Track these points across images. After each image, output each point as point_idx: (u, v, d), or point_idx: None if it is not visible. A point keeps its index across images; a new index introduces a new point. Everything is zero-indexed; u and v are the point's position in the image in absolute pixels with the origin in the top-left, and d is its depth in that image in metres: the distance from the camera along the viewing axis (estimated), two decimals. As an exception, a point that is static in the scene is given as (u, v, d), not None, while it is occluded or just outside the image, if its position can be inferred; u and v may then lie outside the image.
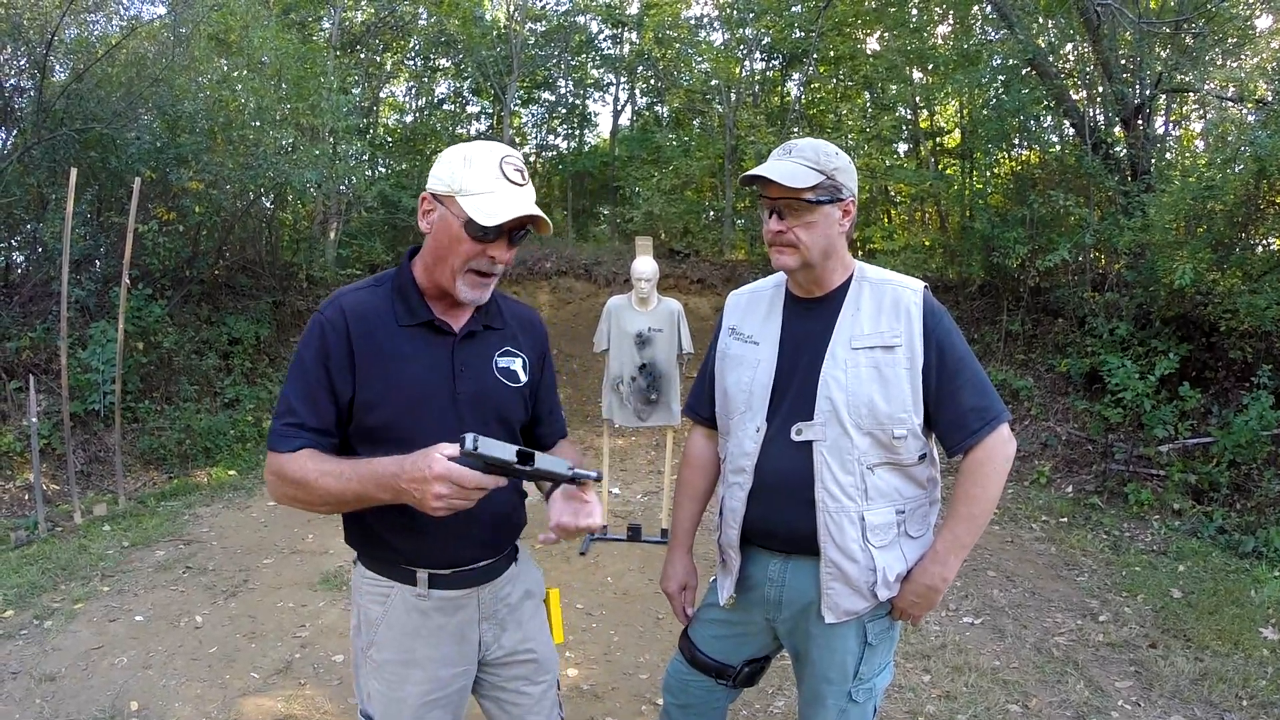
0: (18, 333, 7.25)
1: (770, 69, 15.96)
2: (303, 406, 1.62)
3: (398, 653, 1.73)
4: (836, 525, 1.83)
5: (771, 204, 1.86)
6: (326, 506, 1.59)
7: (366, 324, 1.66)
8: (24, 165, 7.75)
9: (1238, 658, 3.98)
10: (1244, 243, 7.50)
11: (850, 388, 1.84)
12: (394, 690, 1.73)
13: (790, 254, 1.87)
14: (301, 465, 1.57)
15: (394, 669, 1.73)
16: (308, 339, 1.65)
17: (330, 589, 4.65)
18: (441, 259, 1.65)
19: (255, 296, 10.18)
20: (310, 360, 1.63)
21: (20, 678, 3.55)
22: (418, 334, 1.69)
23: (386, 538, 1.71)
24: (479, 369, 1.74)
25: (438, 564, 1.72)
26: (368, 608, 1.76)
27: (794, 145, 1.86)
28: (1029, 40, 9.22)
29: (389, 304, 1.70)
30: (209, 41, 9.62)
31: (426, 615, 1.73)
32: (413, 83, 17.55)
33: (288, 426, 1.61)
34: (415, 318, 1.69)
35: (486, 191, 1.59)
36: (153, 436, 7.38)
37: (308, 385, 1.63)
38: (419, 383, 1.66)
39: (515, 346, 1.83)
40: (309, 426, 1.62)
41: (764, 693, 3.56)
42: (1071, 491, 6.92)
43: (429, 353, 1.69)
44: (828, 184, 1.82)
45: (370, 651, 1.75)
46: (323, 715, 3.35)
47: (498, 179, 1.60)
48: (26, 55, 8.01)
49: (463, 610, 1.77)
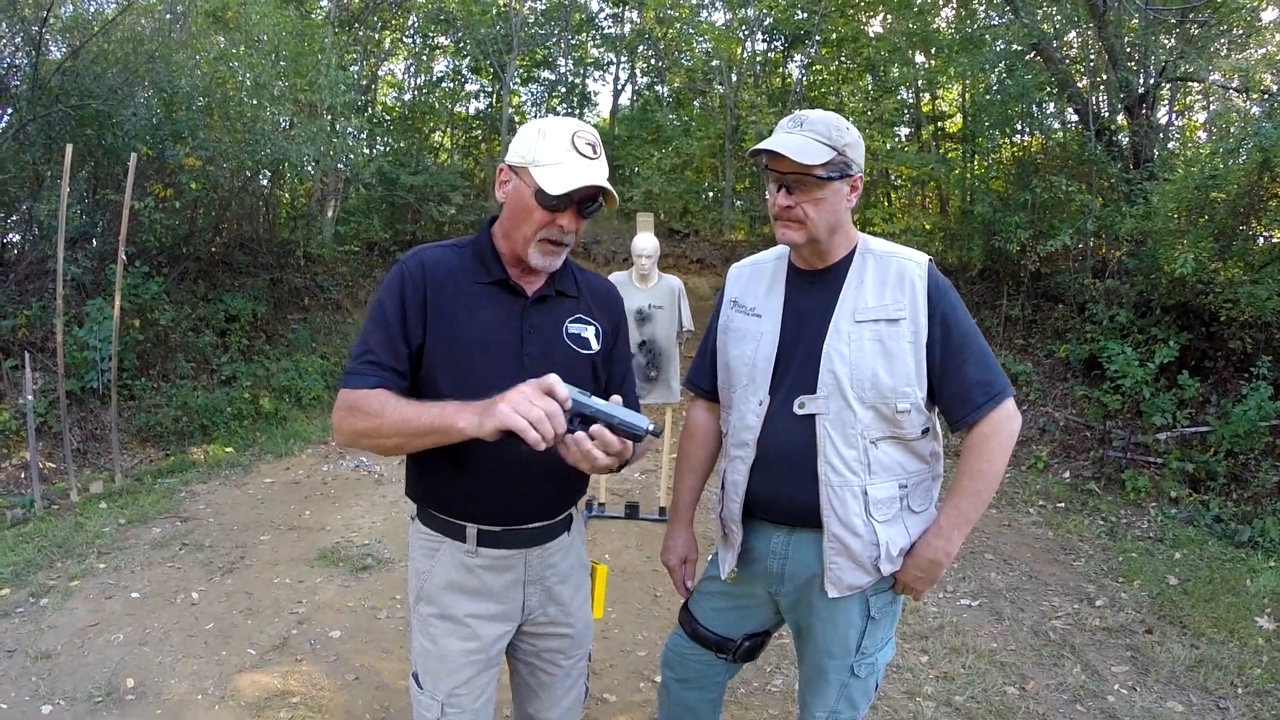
0: (13, 311, 7.21)
1: (772, 50, 15.89)
2: (380, 348, 1.66)
3: (442, 607, 1.76)
4: (839, 499, 1.82)
5: (780, 178, 1.82)
6: (398, 438, 1.58)
7: (443, 277, 1.71)
8: (19, 142, 7.68)
9: (1233, 646, 3.99)
10: (1246, 233, 7.48)
11: (854, 361, 1.82)
12: (437, 646, 1.76)
13: (797, 230, 1.84)
14: (380, 399, 1.59)
15: (437, 623, 1.76)
16: (389, 285, 1.70)
17: (327, 565, 4.64)
18: (515, 227, 1.69)
19: (252, 273, 10.13)
20: (389, 305, 1.67)
21: (16, 655, 3.54)
22: (491, 292, 1.73)
23: (442, 487, 1.74)
24: (549, 333, 1.76)
25: (489, 518, 1.73)
26: (419, 561, 1.80)
27: (805, 117, 1.82)
28: (1034, 25, 9.18)
29: (468, 262, 1.74)
30: (206, 18, 9.51)
31: (473, 572, 1.75)
32: (411, 61, 17.43)
33: (365, 364, 1.65)
34: (490, 276, 1.73)
35: (556, 163, 1.63)
36: (149, 414, 7.35)
37: (386, 328, 1.67)
38: (485, 339, 1.70)
39: (588, 315, 1.84)
40: (385, 365, 1.65)
41: (762, 670, 3.57)
42: (1069, 477, 6.93)
43: (500, 312, 1.72)
44: (838, 160, 1.79)
45: (418, 605, 1.79)
46: (319, 691, 3.35)
47: (568, 151, 1.63)
48: (21, 32, 7.91)
49: (510, 571, 1.78)
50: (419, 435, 1.56)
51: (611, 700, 3.38)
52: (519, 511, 1.75)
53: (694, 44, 15.92)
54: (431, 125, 17.34)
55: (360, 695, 3.33)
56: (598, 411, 1.52)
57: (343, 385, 1.66)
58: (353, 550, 4.87)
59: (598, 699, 3.37)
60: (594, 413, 1.51)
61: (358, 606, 4.14)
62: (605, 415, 1.51)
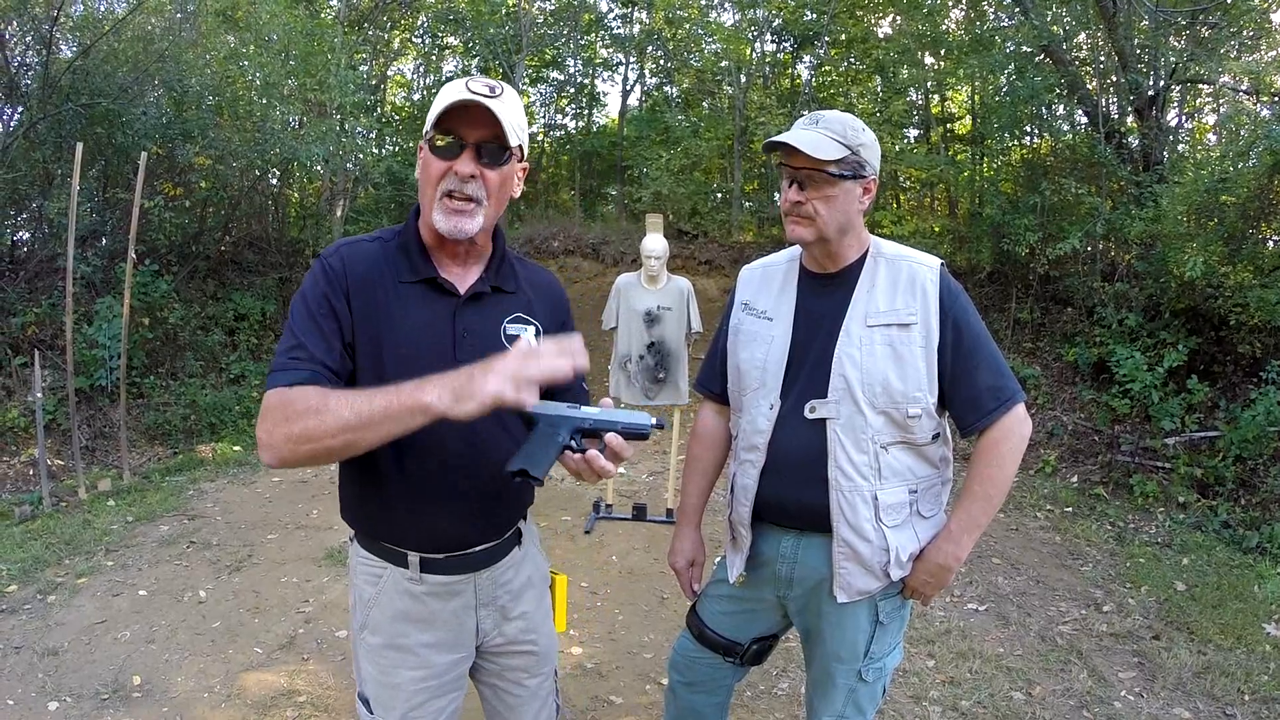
0: (23, 308, 7.25)
1: (781, 51, 15.83)
2: (310, 340, 1.47)
3: (390, 637, 1.65)
4: (849, 504, 1.82)
5: (793, 173, 1.82)
6: (346, 434, 1.34)
7: (365, 277, 1.54)
8: (30, 141, 7.72)
9: (1240, 652, 3.96)
10: (1256, 237, 7.44)
11: (865, 365, 1.82)
12: (388, 676, 1.65)
13: (806, 226, 1.83)
14: (318, 393, 1.39)
15: (387, 654, 1.65)
16: (311, 279, 1.54)
17: (334, 564, 4.65)
18: (422, 193, 1.55)
19: (261, 273, 10.17)
20: (314, 298, 1.51)
21: (23, 652, 3.56)
22: (418, 292, 1.57)
23: (377, 514, 1.62)
24: (484, 335, 1.60)
25: (429, 545, 1.62)
26: (362, 587, 1.67)
27: (821, 116, 1.82)
28: (1043, 26, 9.13)
29: (391, 259, 1.58)
30: (216, 17, 9.55)
31: (419, 600, 1.64)
32: (420, 61, 17.46)
33: (294, 359, 1.45)
34: (416, 274, 1.57)
35: (452, 98, 1.48)
36: (158, 412, 7.39)
37: (311, 319, 1.49)
38: (414, 346, 1.53)
39: (528, 313, 1.68)
40: (320, 360, 1.46)
41: (768, 674, 3.56)
42: (1077, 481, 6.90)
43: (428, 314, 1.56)
44: (852, 159, 1.79)
45: (364, 634, 1.67)
46: (325, 690, 3.36)
47: (460, 94, 1.47)
48: (32, 31, 7.96)
49: (458, 596, 1.67)
50: (372, 424, 1.33)
51: (618, 703, 3.38)
52: (461, 537, 1.64)
53: (703, 45, 15.89)
54: (440, 125, 17.35)
55: (366, 695, 3.34)
56: (599, 422, 1.46)
57: (268, 386, 1.45)
58: (359, 550, 4.87)
59: (604, 701, 3.37)
60: (595, 424, 1.46)
61: (364, 606, 4.14)
62: (608, 424, 1.46)
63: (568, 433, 1.45)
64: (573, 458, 1.46)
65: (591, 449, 1.45)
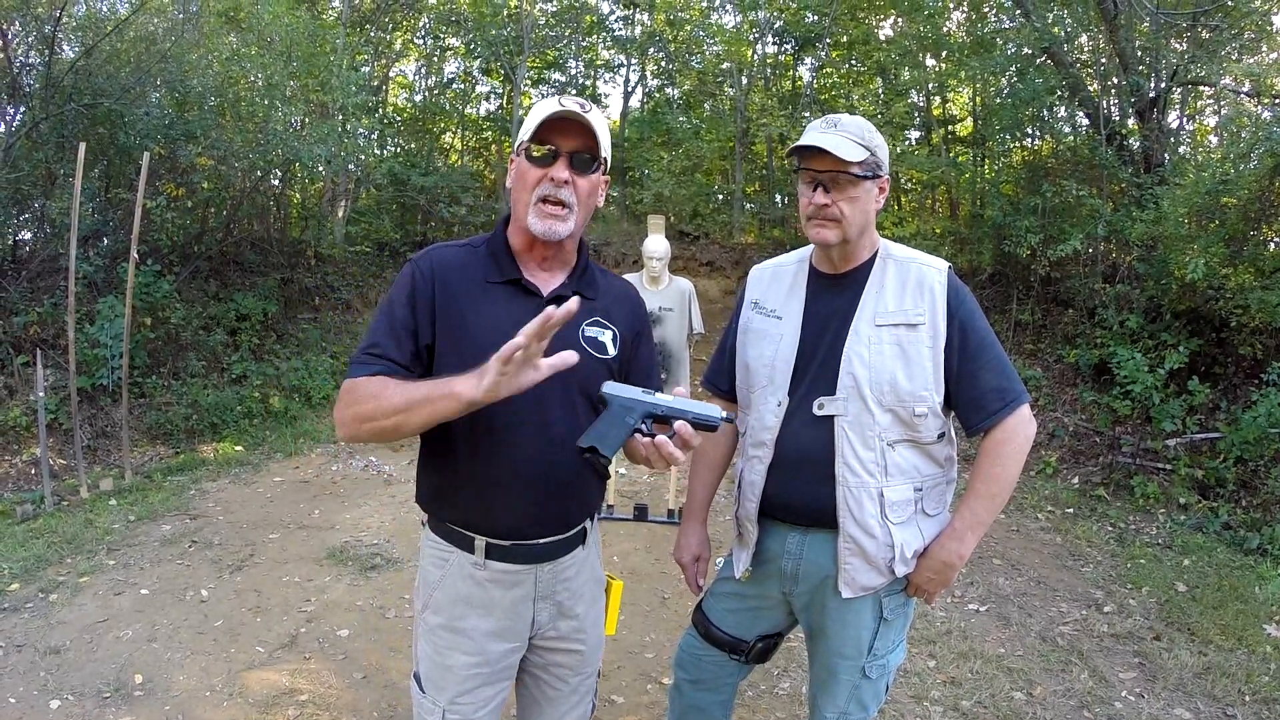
0: (26, 308, 7.25)
1: (782, 53, 15.86)
2: (386, 340, 1.63)
3: (450, 619, 1.72)
4: (856, 500, 1.84)
5: (816, 177, 1.85)
6: (395, 416, 1.51)
7: (454, 276, 1.68)
8: (32, 141, 7.73)
9: (1241, 653, 3.97)
10: (1257, 238, 7.44)
11: (873, 364, 1.84)
12: (442, 657, 1.72)
13: (833, 229, 1.86)
14: (381, 382, 1.56)
15: (444, 635, 1.72)
16: (399, 283, 1.68)
17: (336, 564, 4.66)
18: (518, 199, 1.67)
19: (263, 273, 10.17)
20: (399, 300, 1.65)
21: (25, 650, 3.57)
22: (504, 292, 1.69)
23: (449, 495, 1.71)
24: (563, 335, 1.59)
25: (497, 532, 1.69)
26: (428, 569, 1.77)
27: (839, 119, 1.86)
28: (1045, 28, 9.14)
29: (480, 261, 1.71)
30: (218, 18, 9.56)
31: (481, 586, 1.71)
32: (422, 62, 17.46)
33: (369, 355, 1.62)
34: (503, 275, 1.69)
35: (547, 114, 1.61)
36: (159, 412, 7.39)
37: (393, 322, 1.64)
38: (496, 340, 1.50)
39: (606, 318, 1.77)
40: (389, 357, 1.61)
41: (769, 674, 3.57)
42: (1078, 482, 6.90)
43: (512, 312, 1.62)
44: (871, 160, 1.84)
45: (425, 613, 1.76)
46: (327, 689, 3.37)
47: (557, 108, 1.61)
48: (35, 31, 7.97)
49: (519, 586, 1.72)
50: (414, 408, 1.49)
51: (620, 702, 3.38)
52: (529, 526, 1.70)
53: (704, 46, 15.91)
54: (442, 126, 17.34)
55: (368, 694, 3.34)
56: (671, 409, 1.51)
57: (348, 376, 1.64)
58: (361, 549, 4.88)
59: (606, 700, 3.37)
60: (667, 411, 1.51)
61: (366, 605, 4.15)
62: (679, 412, 1.51)
63: (639, 417, 1.51)
64: (642, 441, 1.51)
65: (661, 435, 1.50)
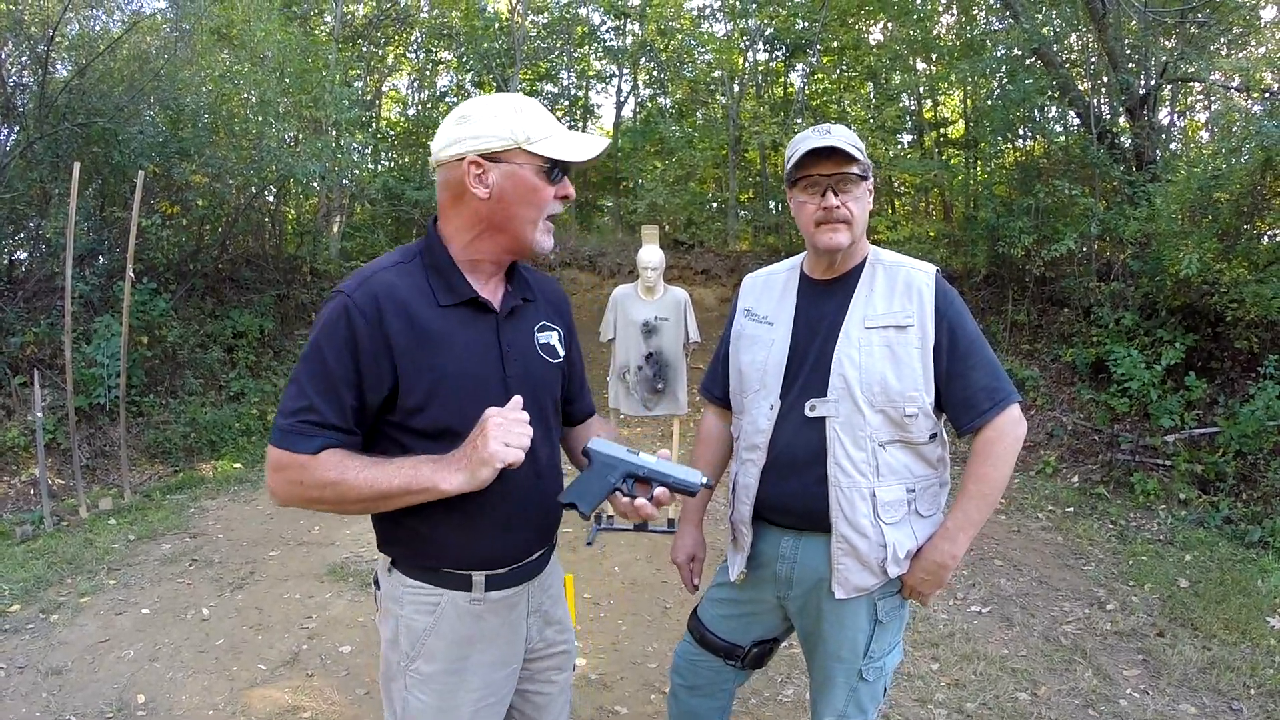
0: (22, 328, 7.25)
1: (773, 60, 15.92)
2: (323, 402, 1.45)
3: (450, 662, 1.61)
4: (848, 501, 1.86)
5: (822, 181, 1.89)
6: (361, 504, 1.45)
7: (403, 308, 1.49)
8: (26, 161, 7.74)
9: (1245, 647, 3.96)
10: (1250, 233, 7.47)
11: (863, 365, 1.87)
12: (445, 700, 1.61)
13: (844, 231, 1.90)
14: (334, 464, 1.43)
15: (445, 679, 1.61)
16: (330, 326, 1.47)
17: (337, 580, 4.65)
18: (514, 216, 1.54)
19: (259, 290, 10.18)
20: (333, 350, 1.45)
21: (27, 671, 3.56)
22: (459, 314, 1.55)
23: (437, 540, 1.57)
24: (523, 348, 1.64)
25: (494, 561, 1.61)
26: (412, 619, 1.60)
27: (830, 127, 1.91)
28: (1034, 29, 9.18)
29: (424, 283, 1.55)
30: (211, 36, 9.60)
31: (481, 619, 1.62)
32: (415, 76, 17.51)
33: (306, 424, 1.44)
34: (457, 296, 1.55)
35: (552, 132, 1.54)
36: (158, 430, 7.38)
37: (328, 378, 1.45)
38: (471, 371, 1.54)
39: (550, 319, 1.73)
40: (331, 424, 1.45)
41: (772, 681, 3.56)
42: (1077, 481, 6.90)
43: (475, 335, 1.56)
44: (864, 162, 1.90)
45: (415, 664, 1.61)
46: (330, 706, 3.35)
47: (552, 119, 1.56)
48: (28, 51, 7.99)
49: (515, 608, 1.68)
50: (388, 499, 1.44)
51: (623, 713, 3.37)
52: (525, 547, 1.66)
53: (696, 55, 15.96)
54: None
55: (371, 710, 3.33)
56: (652, 472, 1.55)
57: (275, 443, 1.45)
58: (362, 565, 4.87)
59: (609, 711, 3.36)
60: (648, 474, 1.55)
61: (368, 621, 4.14)
62: (660, 475, 1.55)
63: (620, 476, 1.54)
64: (621, 500, 1.54)
65: (641, 497, 1.54)
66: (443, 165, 1.55)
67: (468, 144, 1.51)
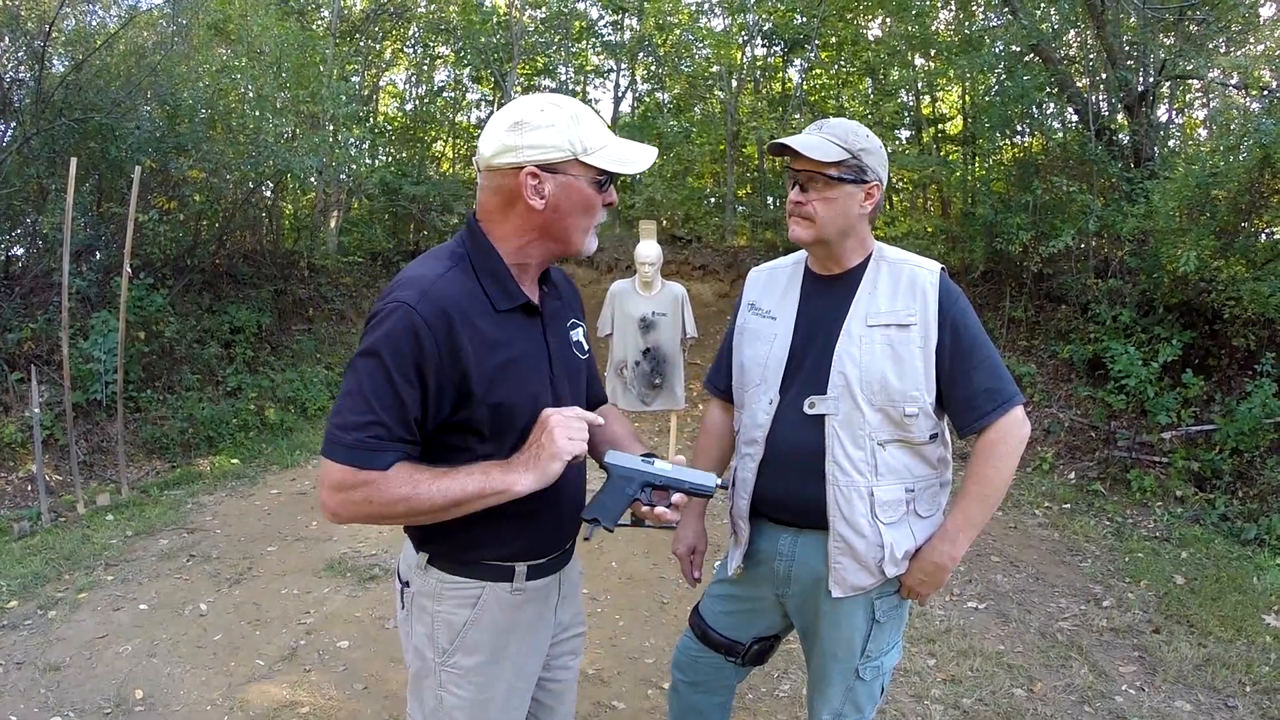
0: (19, 324, 7.23)
1: (771, 55, 15.87)
2: (391, 417, 1.43)
3: (490, 652, 1.63)
4: (846, 499, 1.86)
5: (794, 175, 1.89)
6: (430, 515, 1.46)
7: (469, 317, 1.48)
8: (23, 156, 7.71)
9: (1240, 644, 3.98)
10: (1247, 230, 7.47)
11: (864, 363, 1.86)
12: (482, 692, 1.63)
13: (805, 226, 1.90)
14: (405, 478, 1.43)
15: (484, 671, 1.63)
16: (396, 340, 1.42)
17: (334, 576, 4.65)
18: (568, 226, 1.55)
19: (257, 285, 10.16)
20: (399, 364, 1.42)
21: (25, 668, 3.56)
22: (513, 319, 1.56)
23: (487, 534, 1.58)
24: (562, 346, 1.69)
25: (537, 552, 1.65)
26: (451, 614, 1.61)
27: (827, 122, 1.90)
28: (1032, 25, 9.17)
29: (477, 288, 1.53)
30: (208, 30, 9.57)
31: (519, 609, 1.65)
32: (412, 71, 17.47)
33: (375, 439, 1.42)
34: (513, 301, 1.56)
35: (608, 141, 1.54)
36: (155, 426, 7.37)
37: (394, 391, 1.42)
38: (531, 373, 1.58)
39: (577, 316, 1.79)
40: (402, 438, 1.45)
41: (769, 676, 3.57)
42: (1074, 478, 6.92)
43: (528, 338, 1.59)
44: (852, 163, 1.85)
45: (454, 659, 1.62)
46: (328, 701, 3.36)
47: (604, 127, 1.56)
48: (24, 46, 7.96)
49: (549, 596, 1.73)
50: (460, 505, 1.45)
51: (620, 708, 3.38)
52: (565, 535, 1.72)
53: (694, 50, 15.92)
54: (433, 135, 17.37)
55: (369, 705, 3.34)
56: (668, 480, 1.60)
57: (341, 460, 1.42)
58: (359, 560, 4.88)
59: (607, 706, 3.37)
60: (665, 482, 1.60)
61: (365, 616, 4.15)
62: (676, 482, 1.60)
63: (638, 486, 1.59)
64: (641, 509, 1.59)
65: (659, 504, 1.59)
66: (494, 170, 1.52)
67: (525, 154, 1.48)
